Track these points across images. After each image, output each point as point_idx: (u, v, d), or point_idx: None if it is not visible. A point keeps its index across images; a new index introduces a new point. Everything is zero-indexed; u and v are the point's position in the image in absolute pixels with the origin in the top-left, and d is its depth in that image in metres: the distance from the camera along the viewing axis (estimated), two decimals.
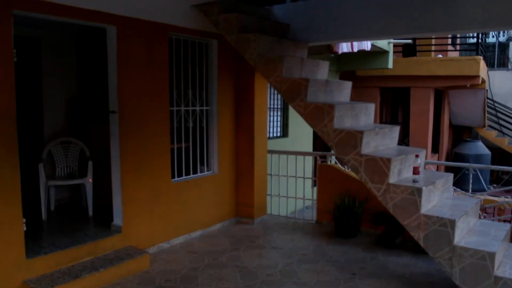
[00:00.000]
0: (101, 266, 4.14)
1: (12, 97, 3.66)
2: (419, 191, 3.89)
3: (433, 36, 11.27)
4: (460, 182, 6.55)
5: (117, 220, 4.73)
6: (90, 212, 5.38)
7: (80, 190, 5.79)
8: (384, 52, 9.58)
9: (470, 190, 5.48)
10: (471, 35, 12.72)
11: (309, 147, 9.73)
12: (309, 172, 6.45)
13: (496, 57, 17.79)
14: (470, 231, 4.11)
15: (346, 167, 6.09)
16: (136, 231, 4.79)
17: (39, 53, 5.89)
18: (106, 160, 4.94)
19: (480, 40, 11.81)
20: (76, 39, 6.29)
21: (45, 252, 4.06)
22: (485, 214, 5.97)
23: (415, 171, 4.15)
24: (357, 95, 9.75)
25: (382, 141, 4.55)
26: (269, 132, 8.23)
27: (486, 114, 13.10)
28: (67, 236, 4.53)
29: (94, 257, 4.34)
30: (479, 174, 6.06)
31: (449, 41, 12.94)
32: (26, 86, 5.60)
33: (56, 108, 6.13)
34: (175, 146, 5.33)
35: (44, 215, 5.16)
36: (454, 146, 14.16)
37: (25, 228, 3.85)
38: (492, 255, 3.59)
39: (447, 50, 12.82)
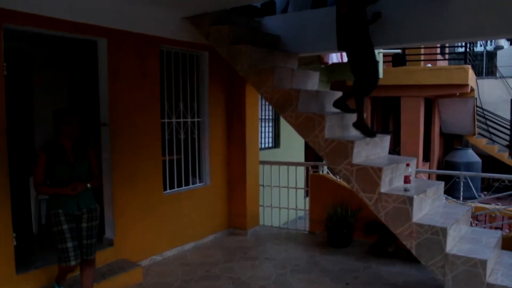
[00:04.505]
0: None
1: (2, 110, 3.65)
2: (410, 199, 3.91)
3: (422, 46, 11.38)
4: (451, 190, 6.60)
5: (109, 233, 4.69)
6: None
7: None
8: None
9: (461, 198, 5.51)
10: (459, 44, 12.86)
11: (300, 158, 9.74)
12: (301, 183, 6.46)
13: (484, 65, 18.00)
14: (461, 238, 4.13)
15: (338, 176, 6.10)
16: (128, 244, 4.76)
17: (30, 66, 5.87)
18: None
19: (468, 49, 11.95)
20: (67, 52, 6.27)
21: (36, 267, 4.01)
22: (477, 222, 6.02)
23: (406, 180, 4.18)
24: None
25: (373, 150, 4.58)
26: (261, 143, 8.24)
27: (476, 122, 13.24)
28: None
29: None
30: (470, 181, 6.09)
31: (438, 50, 13.08)
32: (16, 99, 5.57)
33: (47, 121, 6.08)
34: (167, 158, 5.31)
35: (35, 229, 5.10)
36: (445, 154, 14.25)
37: (15, 243, 3.81)
38: (484, 263, 3.61)
39: (436, 60, 12.95)
